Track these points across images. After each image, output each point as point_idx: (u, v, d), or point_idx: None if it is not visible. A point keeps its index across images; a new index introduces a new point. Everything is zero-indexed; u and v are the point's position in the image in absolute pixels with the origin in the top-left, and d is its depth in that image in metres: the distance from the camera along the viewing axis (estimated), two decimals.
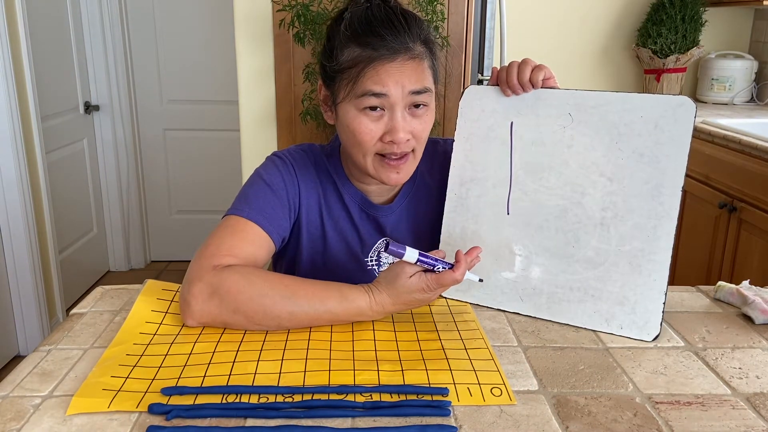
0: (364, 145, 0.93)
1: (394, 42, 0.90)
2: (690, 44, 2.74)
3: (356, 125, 0.92)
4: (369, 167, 0.96)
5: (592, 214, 0.90)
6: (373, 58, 0.90)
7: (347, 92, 0.92)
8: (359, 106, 0.91)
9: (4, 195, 2.43)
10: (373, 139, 0.93)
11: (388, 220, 1.05)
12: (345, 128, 0.95)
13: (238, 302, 0.84)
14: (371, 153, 0.94)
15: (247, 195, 0.98)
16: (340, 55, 0.92)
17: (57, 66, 2.84)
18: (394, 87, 0.90)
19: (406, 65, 0.90)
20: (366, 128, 0.92)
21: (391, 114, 0.92)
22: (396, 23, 0.91)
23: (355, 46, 0.91)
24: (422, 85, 0.92)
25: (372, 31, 0.90)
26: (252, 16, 2.16)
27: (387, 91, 0.90)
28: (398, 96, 0.90)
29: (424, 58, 0.93)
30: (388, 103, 0.91)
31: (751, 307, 0.92)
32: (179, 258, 3.56)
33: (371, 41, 0.90)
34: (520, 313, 0.93)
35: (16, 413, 0.67)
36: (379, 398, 0.70)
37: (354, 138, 0.93)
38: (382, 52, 0.90)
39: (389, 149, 0.93)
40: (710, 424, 0.67)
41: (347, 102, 0.92)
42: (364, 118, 0.92)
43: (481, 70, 2.33)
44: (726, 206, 2.10)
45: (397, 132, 0.91)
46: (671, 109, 0.86)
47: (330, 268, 1.05)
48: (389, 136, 0.92)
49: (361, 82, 0.90)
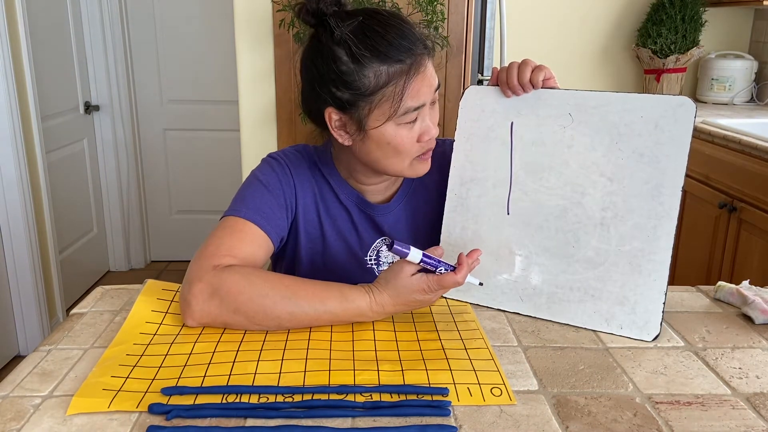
0: (407, 153, 0.94)
1: (413, 48, 0.90)
2: (690, 44, 2.74)
3: (399, 140, 0.93)
4: (406, 171, 0.97)
5: (592, 214, 0.90)
6: (404, 71, 0.89)
7: (387, 114, 0.90)
8: (400, 122, 0.91)
9: (4, 195, 2.43)
10: (414, 145, 0.94)
11: (385, 219, 1.05)
12: (384, 145, 0.93)
13: (239, 303, 0.84)
14: (410, 157, 0.95)
15: (244, 196, 0.98)
16: (362, 76, 0.88)
17: (57, 66, 2.84)
18: (428, 96, 0.92)
19: (428, 70, 0.92)
20: (407, 138, 0.93)
21: (422, 116, 0.93)
22: (404, 29, 0.90)
23: (377, 63, 0.88)
24: (437, 80, 0.94)
25: (390, 43, 0.88)
26: (252, 16, 2.16)
27: (425, 102, 0.92)
28: (428, 99, 0.93)
29: (431, 54, 0.94)
30: (424, 110, 0.93)
31: (751, 307, 0.92)
32: (179, 258, 3.56)
33: (393, 53, 0.88)
34: (520, 313, 0.93)
35: (16, 413, 0.67)
36: (379, 398, 0.70)
37: (396, 150, 0.94)
38: (410, 64, 0.89)
39: (428, 146, 0.95)
40: (710, 424, 0.67)
41: (382, 121, 0.91)
42: (404, 131, 0.92)
43: (481, 70, 2.33)
44: (726, 206, 2.10)
45: (431, 131, 0.94)
46: (671, 109, 0.86)
47: (330, 268, 1.05)
48: (427, 136, 0.94)
49: (402, 101, 0.90)
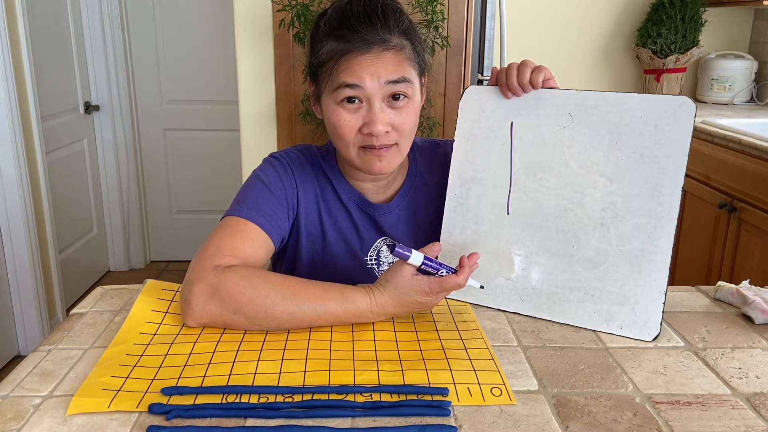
0: (345, 137, 0.94)
1: (368, 34, 0.90)
2: (690, 44, 2.74)
3: (335, 118, 0.93)
4: (354, 159, 0.96)
5: (592, 214, 0.90)
6: (347, 50, 0.91)
7: (325, 86, 0.94)
8: (337, 99, 0.93)
9: (4, 195, 2.43)
10: (353, 131, 0.93)
11: (386, 219, 1.05)
12: (327, 121, 0.97)
13: (239, 303, 0.84)
14: (354, 146, 0.95)
15: (245, 196, 0.98)
16: (320, 49, 0.94)
17: (57, 66, 2.84)
18: (369, 78, 0.91)
19: (382, 56, 0.91)
20: (344, 120, 0.93)
21: (368, 106, 0.92)
22: (372, 16, 0.92)
23: (332, 40, 0.93)
24: (399, 74, 0.92)
25: (347, 24, 0.92)
26: (252, 16, 2.16)
27: (361, 83, 0.91)
28: (374, 87, 0.91)
29: (404, 49, 0.93)
30: (364, 95, 0.91)
31: (751, 307, 0.92)
32: (179, 258, 3.56)
33: (346, 34, 0.91)
34: (520, 313, 0.93)
35: (16, 413, 0.67)
36: (379, 398, 0.70)
37: (335, 131, 0.95)
38: (356, 45, 0.91)
39: (368, 141, 0.93)
40: (710, 424, 0.67)
41: (327, 95, 0.94)
42: (342, 110, 0.93)
43: (481, 70, 2.33)
44: (726, 206, 2.10)
45: (375, 124, 0.91)
46: (671, 109, 0.86)
47: (329, 268, 1.05)
48: (367, 128, 0.92)
49: (336, 75, 0.92)
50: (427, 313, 0.92)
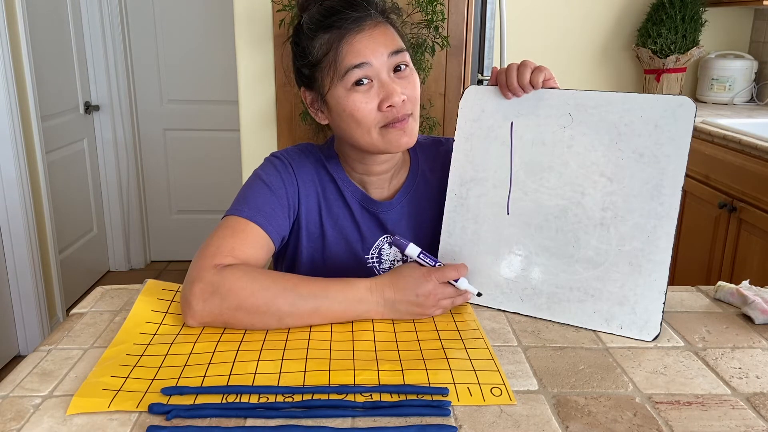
0: (365, 121, 0.93)
1: (355, 13, 0.92)
2: (690, 44, 2.74)
3: (351, 104, 0.93)
4: (377, 142, 0.95)
5: (592, 214, 0.90)
6: (343, 34, 0.92)
7: (331, 77, 0.93)
8: (347, 85, 0.92)
9: (4, 195, 2.43)
10: (372, 112, 0.93)
11: (388, 216, 1.06)
12: (341, 113, 0.94)
13: (240, 298, 0.84)
14: (375, 127, 0.94)
15: (246, 195, 0.98)
16: (312, 48, 0.94)
17: (57, 66, 2.84)
18: (373, 54, 0.92)
19: (375, 31, 0.93)
20: (361, 103, 0.93)
21: (379, 82, 0.93)
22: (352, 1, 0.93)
23: (322, 33, 0.93)
24: (396, 45, 0.94)
25: (332, 12, 0.93)
26: (252, 16, 2.16)
27: (368, 60, 0.92)
28: (380, 62, 0.92)
29: (389, 25, 0.96)
30: (372, 71, 0.92)
31: (751, 307, 0.92)
32: (179, 258, 3.56)
33: (334, 21, 0.92)
34: (520, 313, 0.93)
35: (16, 413, 0.67)
36: (379, 398, 0.70)
37: (353, 118, 0.93)
38: (348, 26, 0.92)
39: (391, 115, 0.93)
40: (710, 424, 0.67)
41: (334, 87, 0.93)
42: (356, 94, 0.93)
43: (481, 70, 2.33)
44: (726, 206, 2.10)
45: (393, 95, 0.92)
46: (671, 109, 0.86)
47: (330, 266, 1.05)
48: (387, 102, 0.92)
49: (341, 61, 0.92)
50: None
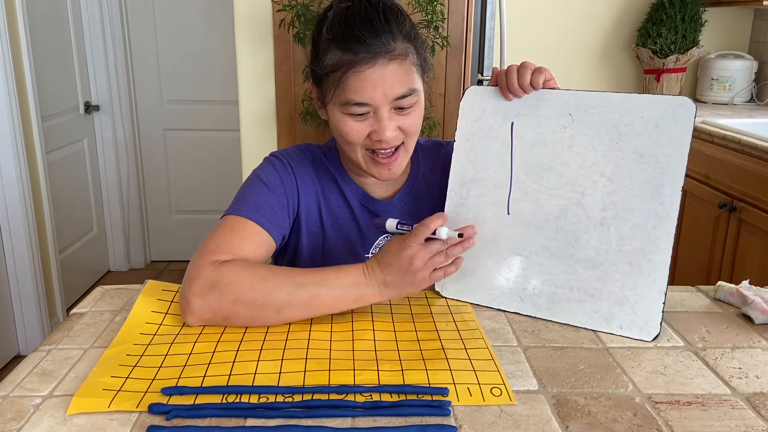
0: (353, 143, 0.95)
1: (373, 44, 0.89)
2: (690, 44, 2.74)
3: (342, 126, 0.94)
4: (361, 163, 0.98)
5: (592, 214, 0.90)
6: (353, 63, 0.89)
7: (332, 96, 0.93)
8: (344, 110, 0.93)
9: (4, 195, 2.43)
10: (361, 138, 0.94)
11: (388, 215, 1.06)
12: (334, 128, 0.97)
13: (238, 291, 0.84)
14: (361, 149, 0.96)
15: (245, 195, 0.98)
16: (324, 58, 0.93)
17: (57, 66, 2.84)
18: (377, 96, 0.90)
19: (388, 68, 0.90)
20: (352, 129, 0.93)
21: (376, 115, 0.92)
22: (376, 23, 0.90)
23: (336, 49, 0.92)
24: (407, 87, 0.92)
25: (351, 33, 0.90)
26: (252, 16, 2.16)
27: (369, 101, 0.91)
28: (382, 102, 0.91)
29: (408, 55, 0.92)
30: (372, 108, 0.92)
31: (751, 307, 0.92)
32: (179, 258, 3.56)
33: (351, 45, 0.90)
34: (520, 313, 0.93)
35: (16, 413, 0.67)
36: (379, 398, 0.70)
37: (342, 137, 0.96)
38: (362, 56, 0.89)
39: (378, 146, 0.95)
40: (710, 424, 0.67)
41: (333, 104, 0.94)
42: (350, 120, 0.93)
43: (481, 70, 2.33)
44: (726, 206, 2.10)
45: (383, 132, 0.92)
46: (671, 109, 0.86)
47: (329, 265, 1.04)
48: (376, 135, 0.93)
49: (343, 90, 0.91)
50: (427, 313, 0.92)
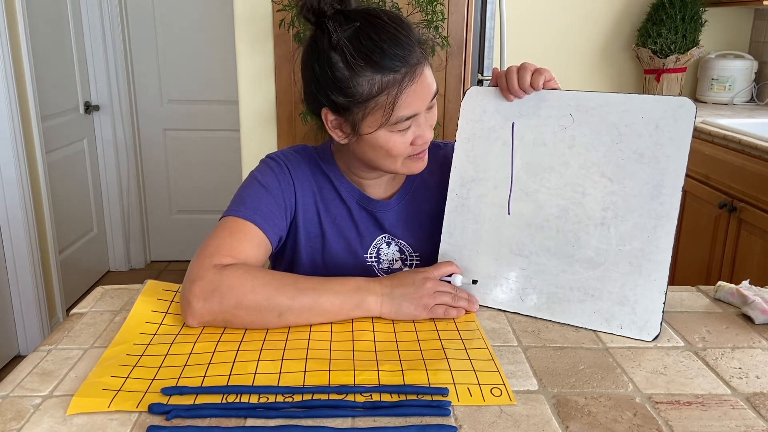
0: (399, 156, 0.96)
1: (408, 57, 0.90)
2: (690, 44, 2.74)
3: (390, 143, 0.94)
4: (399, 168, 0.98)
5: (592, 214, 0.90)
6: (399, 80, 0.89)
7: (379, 122, 0.91)
8: (393, 130, 0.93)
9: (4, 195, 2.43)
10: (407, 148, 0.95)
11: (387, 215, 1.06)
12: (376, 147, 0.94)
13: (240, 295, 0.84)
14: (402, 157, 0.96)
15: (242, 196, 0.98)
16: (356, 85, 0.89)
17: (57, 66, 2.84)
18: (423, 105, 0.93)
19: (423, 78, 0.92)
20: (398, 144, 0.94)
21: (416, 122, 0.94)
22: (399, 35, 0.90)
23: (371, 72, 0.88)
24: (435, 86, 0.95)
25: (383, 52, 0.88)
26: (252, 16, 2.16)
27: (418, 111, 0.92)
28: (423, 108, 0.93)
29: (427, 59, 0.94)
30: (416, 116, 0.93)
31: (751, 307, 0.92)
32: (179, 258, 3.56)
33: (388, 64, 0.88)
34: (520, 313, 0.93)
35: (16, 413, 0.67)
36: (379, 398, 0.70)
37: (387, 152, 0.95)
38: (404, 72, 0.89)
39: (420, 149, 0.96)
40: (710, 424, 0.67)
41: (376, 128, 0.92)
42: (397, 136, 0.93)
43: (481, 70, 2.33)
44: (726, 206, 2.10)
45: (425, 136, 0.95)
46: (671, 110, 0.86)
47: (329, 266, 1.05)
48: (421, 140, 0.95)
49: (395, 110, 0.90)
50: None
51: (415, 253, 1.07)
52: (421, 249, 1.07)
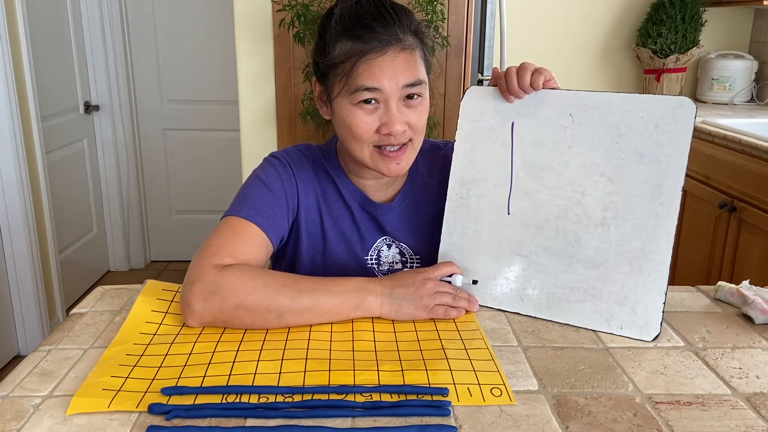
0: (361, 138, 0.94)
1: (384, 34, 0.90)
2: (690, 44, 2.74)
3: (352, 119, 0.93)
4: (367, 160, 0.97)
5: (592, 214, 0.90)
6: (365, 51, 0.90)
7: (341, 87, 0.93)
8: (353, 101, 0.92)
9: (4, 195, 2.43)
10: (370, 132, 0.94)
11: (388, 218, 1.06)
12: (341, 123, 0.95)
13: (241, 296, 0.84)
14: (369, 145, 0.95)
15: (245, 196, 0.98)
16: (332, 50, 0.93)
17: (57, 66, 2.84)
18: (388, 81, 0.91)
19: (398, 57, 0.91)
20: (362, 121, 0.93)
21: (385, 107, 0.92)
22: (386, 15, 0.91)
23: (346, 40, 0.92)
24: (415, 77, 0.93)
25: (362, 23, 0.91)
26: (252, 16, 2.16)
27: (380, 86, 0.91)
28: (392, 89, 0.91)
29: (416, 49, 0.94)
30: (382, 96, 0.92)
31: (751, 307, 0.92)
32: (179, 258, 3.56)
33: (361, 34, 0.91)
34: (520, 313, 0.93)
35: (16, 413, 0.67)
36: (379, 398, 0.70)
37: (350, 131, 0.94)
38: (373, 45, 0.90)
39: (386, 141, 0.94)
40: (710, 424, 0.67)
41: (341, 97, 0.93)
42: (359, 111, 0.93)
43: (481, 70, 2.33)
44: (726, 206, 2.10)
45: (393, 124, 0.92)
46: (671, 109, 0.86)
47: (330, 267, 1.05)
48: (385, 129, 0.93)
49: (354, 78, 0.91)
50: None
51: (416, 256, 1.07)
52: (422, 251, 1.06)
